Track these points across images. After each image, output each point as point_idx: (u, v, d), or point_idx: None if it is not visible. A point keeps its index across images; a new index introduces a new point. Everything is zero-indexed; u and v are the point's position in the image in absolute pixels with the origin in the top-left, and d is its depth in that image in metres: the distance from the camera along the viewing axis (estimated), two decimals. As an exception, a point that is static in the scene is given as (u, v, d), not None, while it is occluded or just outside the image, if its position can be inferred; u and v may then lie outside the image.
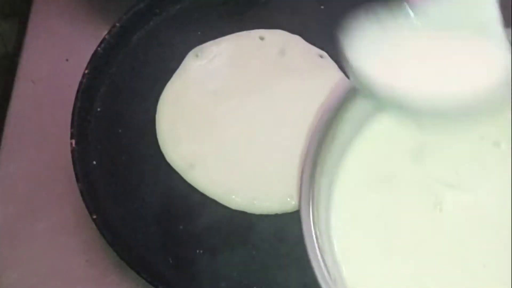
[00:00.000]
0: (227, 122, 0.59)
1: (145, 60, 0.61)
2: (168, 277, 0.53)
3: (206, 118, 0.59)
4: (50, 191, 0.59)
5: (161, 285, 0.52)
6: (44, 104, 0.62)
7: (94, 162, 0.57)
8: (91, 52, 0.59)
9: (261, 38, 0.62)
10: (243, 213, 0.56)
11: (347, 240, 0.46)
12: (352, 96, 0.48)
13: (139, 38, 0.62)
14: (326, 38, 0.61)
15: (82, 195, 0.54)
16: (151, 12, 0.62)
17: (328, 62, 0.62)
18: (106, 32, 0.60)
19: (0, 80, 0.66)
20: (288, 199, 0.56)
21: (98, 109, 0.59)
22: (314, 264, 0.43)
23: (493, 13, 0.45)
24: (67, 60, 0.64)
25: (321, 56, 0.62)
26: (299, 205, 0.45)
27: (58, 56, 0.64)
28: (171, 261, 0.55)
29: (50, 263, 0.57)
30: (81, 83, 0.57)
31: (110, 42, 0.60)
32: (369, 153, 0.49)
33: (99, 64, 0.59)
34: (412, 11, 0.47)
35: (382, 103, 0.47)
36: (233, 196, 0.57)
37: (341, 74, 0.61)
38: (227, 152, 0.58)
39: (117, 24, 0.60)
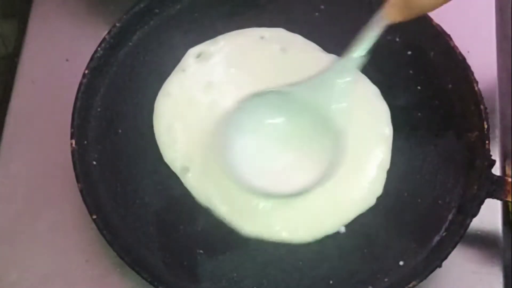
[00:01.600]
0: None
1: (145, 60, 0.61)
2: (168, 277, 0.53)
3: (204, 119, 0.59)
4: (50, 191, 0.59)
5: (161, 285, 0.51)
6: (44, 104, 0.62)
7: (94, 162, 0.57)
8: (91, 52, 0.59)
9: (261, 37, 0.62)
10: (243, 213, 0.56)
11: None
12: None
13: (139, 38, 0.62)
14: (327, 38, 0.62)
15: (82, 195, 0.54)
16: (151, 12, 0.62)
17: (330, 57, 0.61)
18: (106, 32, 0.60)
19: (0, 80, 0.66)
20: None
21: (98, 109, 0.59)
22: None
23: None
24: (67, 60, 0.64)
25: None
26: None
27: (58, 56, 0.64)
28: (171, 261, 0.55)
29: (50, 263, 0.57)
30: (81, 83, 0.57)
31: (110, 42, 0.59)
32: None
33: (99, 64, 0.59)
34: None
35: None
36: (223, 207, 0.56)
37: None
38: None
39: (117, 24, 0.60)
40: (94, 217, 0.53)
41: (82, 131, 0.57)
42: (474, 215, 0.54)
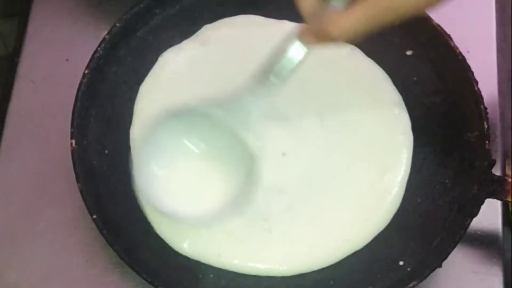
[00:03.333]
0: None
1: (145, 61, 0.61)
2: (168, 277, 0.53)
3: None
4: (50, 191, 0.59)
5: (161, 285, 0.52)
6: (44, 104, 0.62)
7: (94, 162, 0.57)
8: (91, 52, 0.59)
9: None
10: (243, 213, 0.56)
11: None
12: None
13: (139, 38, 0.62)
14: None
15: (82, 195, 0.54)
16: (151, 12, 0.62)
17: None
18: (106, 32, 0.60)
19: (0, 80, 0.66)
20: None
21: (98, 109, 0.59)
22: None
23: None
24: (67, 60, 0.64)
25: None
26: None
27: (58, 56, 0.64)
28: (171, 262, 0.55)
29: (50, 263, 0.57)
30: (81, 83, 0.57)
31: (110, 42, 0.59)
32: None
33: (99, 64, 0.59)
34: None
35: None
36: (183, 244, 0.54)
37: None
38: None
39: (117, 24, 0.60)
40: (94, 217, 0.53)
41: (82, 131, 0.57)
42: (474, 215, 0.54)
